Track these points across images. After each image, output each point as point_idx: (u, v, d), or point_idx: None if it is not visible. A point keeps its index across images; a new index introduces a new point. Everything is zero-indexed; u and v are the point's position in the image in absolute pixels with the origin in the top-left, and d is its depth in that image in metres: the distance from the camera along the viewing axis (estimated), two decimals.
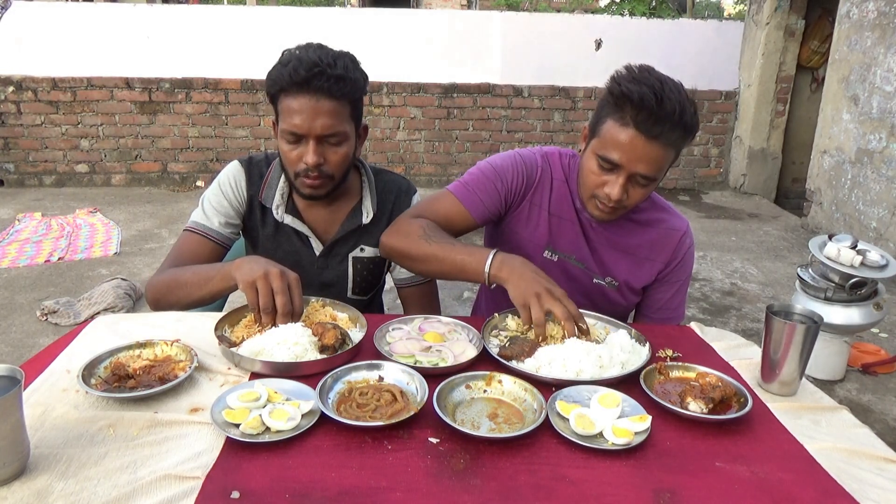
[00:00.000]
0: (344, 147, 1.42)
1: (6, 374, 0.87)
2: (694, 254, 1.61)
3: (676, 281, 1.60)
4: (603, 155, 1.32)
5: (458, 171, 6.31)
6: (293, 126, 1.36)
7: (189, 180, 6.04)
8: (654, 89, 1.25)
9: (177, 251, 1.51)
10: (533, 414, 1.03)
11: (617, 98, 1.29)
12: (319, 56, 1.34)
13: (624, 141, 1.28)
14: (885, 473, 0.96)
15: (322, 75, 1.32)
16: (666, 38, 6.99)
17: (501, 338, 1.32)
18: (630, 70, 1.32)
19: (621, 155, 1.30)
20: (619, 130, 1.29)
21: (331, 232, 1.57)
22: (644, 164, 1.30)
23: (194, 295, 1.37)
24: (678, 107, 1.25)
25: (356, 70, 1.40)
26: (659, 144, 1.28)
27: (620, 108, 1.29)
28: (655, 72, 1.31)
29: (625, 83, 1.28)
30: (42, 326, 3.17)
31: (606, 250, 1.54)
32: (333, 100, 1.35)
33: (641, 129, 1.26)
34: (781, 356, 1.14)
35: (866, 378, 2.93)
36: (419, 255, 1.40)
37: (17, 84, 5.58)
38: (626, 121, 1.28)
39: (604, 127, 1.33)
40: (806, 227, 5.25)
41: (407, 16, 7.59)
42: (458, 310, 3.57)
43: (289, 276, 1.24)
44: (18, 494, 0.81)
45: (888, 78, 4.35)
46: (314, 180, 1.41)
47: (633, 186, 1.34)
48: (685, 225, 1.58)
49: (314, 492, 0.84)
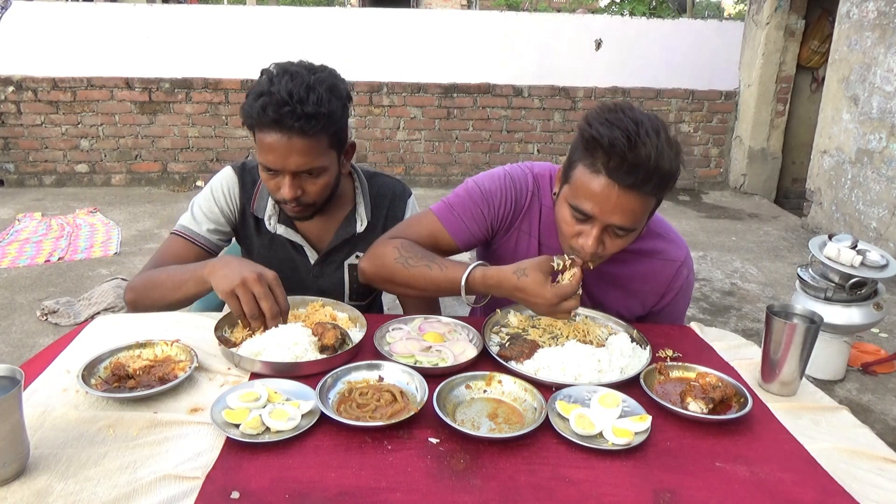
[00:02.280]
0: (323, 178, 1.37)
1: (6, 374, 0.87)
2: (693, 281, 1.51)
3: (672, 312, 1.51)
4: (574, 205, 1.20)
5: (458, 171, 6.32)
6: (267, 161, 1.32)
7: (189, 180, 6.04)
8: (627, 132, 1.11)
9: (161, 254, 1.48)
10: (533, 414, 1.03)
11: (587, 142, 1.16)
12: (290, 90, 1.26)
13: (596, 190, 1.15)
14: (886, 474, 0.96)
15: (292, 114, 1.25)
16: (666, 38, 7.00)
17: (502, 335, 1.32)
18: (602, 110, 1.18)
19: (593, 206, 1.17)
20: (591, 178, 1.16)
21: (325, 240, 1.56)
22: (619, 216, 1.17)
23: (169, 298, 1.34)
24: (654, 152, 1.11)
25: (332, 99, 1.30)
26: (635, 194, 1.15)
27: (591, 153, 1.16)
28: (631, 111, 1.16)
29: (596, 125, 1.15)
30: (42, 326, 3.16)
31: (596, 282, 1.44)
32: (306, 137, 1.28)
33: (614, 177, 1.13)
34: (781, 356, 1.14)
35: (866, 378, 2.93)
36: (398, 281, 1.35)
37: (17, 84, 5.58)
38: (597, 168, 1.15)
39: (575, 173, 1.20)
40: (806, 227, 5.25)
41: (407, 16, 7.58)
42: (458, 310, 3.56)
43: (267, 277, 1.21)
44: (18, 494, 0.81)
45: (888, 78, 4.35)
46: (294, 208, 1.39)
47: (609, 237, 1.22)
48: (683, 254, 1.45)
49: (314, 492, 0.84)
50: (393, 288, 1.42)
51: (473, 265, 1.29)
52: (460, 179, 6.32)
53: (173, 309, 1.37)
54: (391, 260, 1.35)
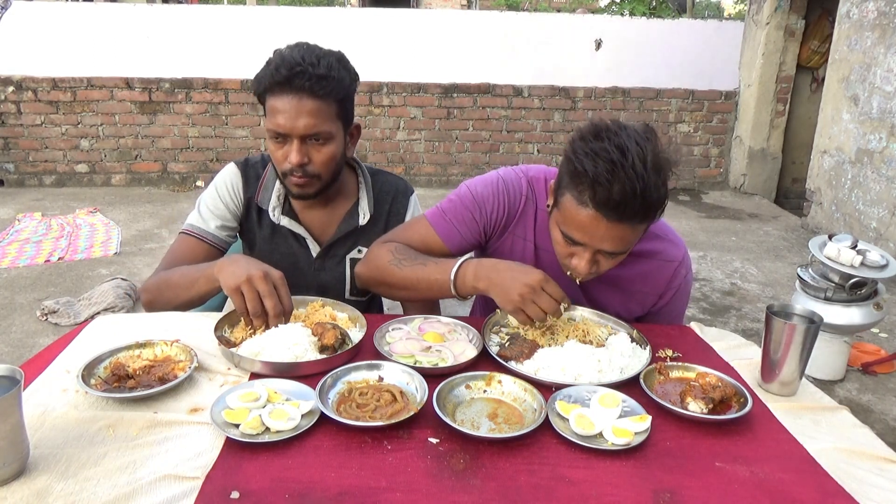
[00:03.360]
0: (329, 146, 1.40)
1: (6, 374, 0.87)
2: (691, 281, 1.52)
3: (671, 311, 1.52)
4: (564, 232, 1.23)
5: (458, 171, 6.32)
6: (276, 125, 1.35)
7: (189, 180, 6.04)
8: (612, 164, 1.10)
9: (172, 254, 1.50)
10: (533, 414, 1.03)
11: (572, 173, 1.17)
12: (303, 55, 1.33)
13: (584, 221, 1.17)
14: (885, 474, 0.96)
15: (304, 74, 1.31)
16: (666, 38, 7.00)
17: (502, 335, 1.32)
18: (587, 136, 1.16)
19: (582, 235, 1.19)
20: (578, 210, 1.17)
21: (328, 233, 1.57)
22: (609, 243, 1.19)
23: (182, 297, 1.37)
24: (640, 184, 1.10)
25: (341, 69, 1.38)
26: (623, 225, 1.16)
27: (577, 185, 1.16)
28: (616, 136, 1.13)
29: (580, 156, 1.14)
30: (42, 326, 3.17)
31: (595, 284, 1.43)
32: (316, 99, 1.33)
33: (601, 210, 1.14)
34: (781, 356, 1.14)
35: (866, 378, 2.93)
36: (393, 283, 1.37)
37: (17, 84, 5.58)
38: (584, 200, 1.15)
39: (563, 200, 1.21)
40: (806, 227, 5.25)
41: (407, 16, 7.58)
42: (458, 310, 3.56)
43: (273, 276, 1.22)
44: (18, 494, 0.81)
45: (888, 78, 4.35)
46: (300, 179, 1.40)
47: (602, 258, 1.24)
48: (681, 254, 1.46)
49: (314, 492, 0.84)
50: (388, 291, 1.45)
51: (466, 256, 1.33)
52: (460, 179, 6.34)
53: (187, 308, 1.39)
54: (385, 262, 1.38)
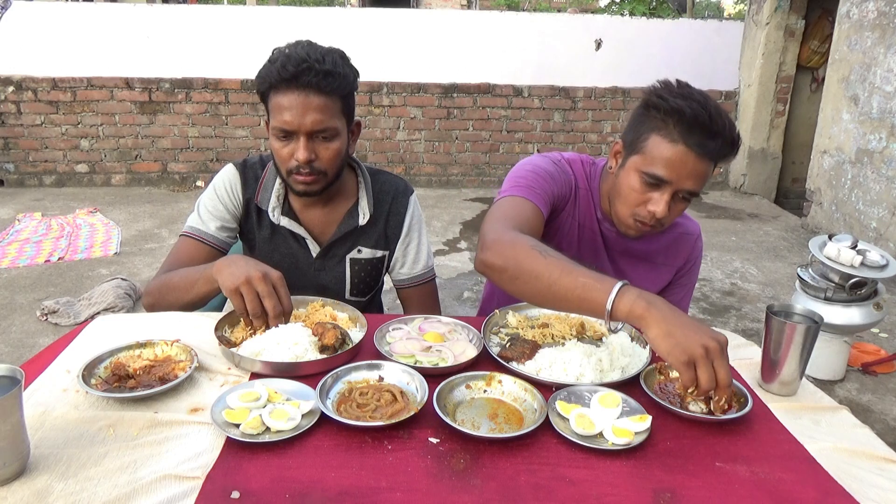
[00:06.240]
0: (335, 143, 1.41)
1: (6, 374, 0.87)
2: (702, 255, 1.63)
3: (687, 283, 1.61)
4: (649, 171, 1.29)
5: (458, 171, 6.32)
6: (283, 122, 1.35)
7: (189, 180, 6.04)
8: (703, 105, 1.23)
9: (173, 256, 1.51)
10: (533, 414, 1.03)
11: (665, 114, 1.26)
12: (308, 52, 1.34)
13: (673, 158, 1.26)
14: (885, 473, 0.96)
15: (310, 71, 1.32)
16: (666, 38, 7.00)
17: (502, 335, 1.32)
18: (670, 85, 1.31)
19: (670, 172, 1.27)
20: (668, 147, 1.26)
21: (327, 233, 1.56)
22: (692, 181, 1.28)
23: (183, 298, 1.37)
24: (728, 122, 1.25)
25: (345, 65, 1.39)
26: (707, 161, 1.27)
27: (666, 124, 1.27)
28: (692, 86, 1.30)
29: (672, 99, 1.26)
30: (42, 326, 3.17)
31: (623, 258, 1.53)
32: (323, 95, 1.34)
33: (691, 145, 1.24)
34: (781, 356, 1.14)
35: (866, 378, 2.93)
36: (530, 270, 1.15)
37: (17, 84, 5.58)
38: (674, 137, 1.26)
39: (648, 143, 1.29)
40: (806, 227, 5.25)
41: (407, 16, 7.58)
42: (458, 310, 3.57)
43: (272, 277, 1.22)
44: (18, 494, 0.81)
45: (888, 78, 4.35)
46: (306, 177, 1.40)
47: (675, 203, 1.32)
48: (698, 228, 1.59)
49: (314, 492, 0.84)
50: (516, 280, 1.19)
51: (623, 283, 1.09)
52: (460, 179, 6.37)
53: (189, 309, 1.39)
54: (526, 246, 1.18)
